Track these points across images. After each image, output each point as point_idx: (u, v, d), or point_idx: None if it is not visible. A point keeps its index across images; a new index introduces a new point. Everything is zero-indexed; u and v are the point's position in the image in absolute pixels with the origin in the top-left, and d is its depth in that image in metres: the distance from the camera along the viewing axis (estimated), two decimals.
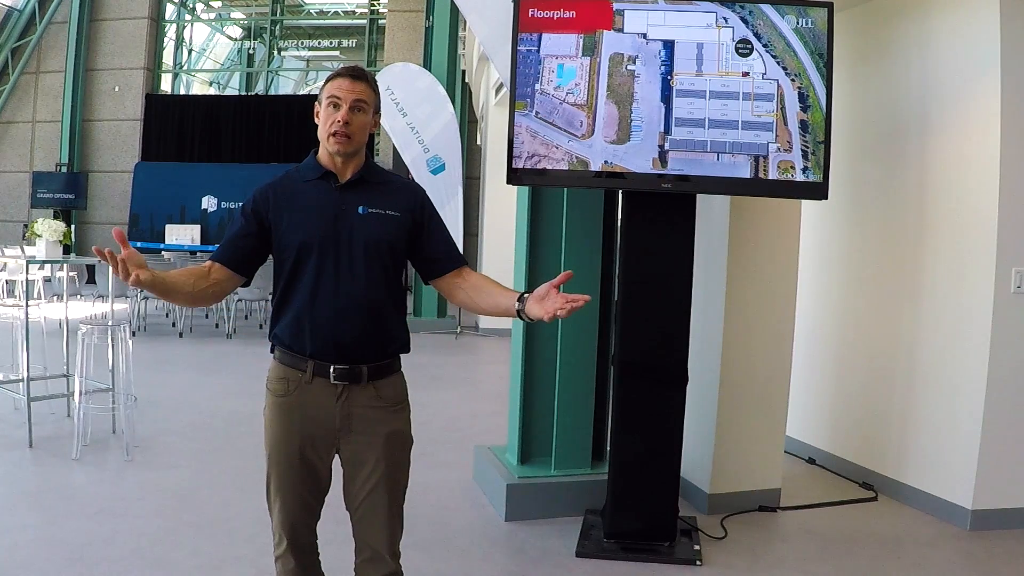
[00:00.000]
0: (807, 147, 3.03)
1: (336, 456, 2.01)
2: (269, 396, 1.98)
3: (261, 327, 9.93)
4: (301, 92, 18.94)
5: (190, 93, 18.67)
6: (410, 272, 2.26)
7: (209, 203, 15.64)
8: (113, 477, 4.01)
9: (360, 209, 1.93)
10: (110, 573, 2.88)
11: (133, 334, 5.57)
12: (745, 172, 3.04)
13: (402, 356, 2.04)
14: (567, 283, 1.86)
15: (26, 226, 10.19)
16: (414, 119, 9.53)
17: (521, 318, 1.84)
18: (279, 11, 18.49)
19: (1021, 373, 3.61)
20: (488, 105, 10.83)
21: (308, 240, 1.90)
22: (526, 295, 1.86)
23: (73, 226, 16.54)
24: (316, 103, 1.96)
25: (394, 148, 10.00)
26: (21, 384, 4.56)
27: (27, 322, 4.57)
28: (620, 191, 3.65)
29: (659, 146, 3.06)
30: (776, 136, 3.02)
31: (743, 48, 3.03)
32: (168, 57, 18.15)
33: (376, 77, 2.01)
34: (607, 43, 3.07)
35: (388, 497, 1.97)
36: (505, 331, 7.65)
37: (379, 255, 1.92)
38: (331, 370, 1.91)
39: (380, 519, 1.97)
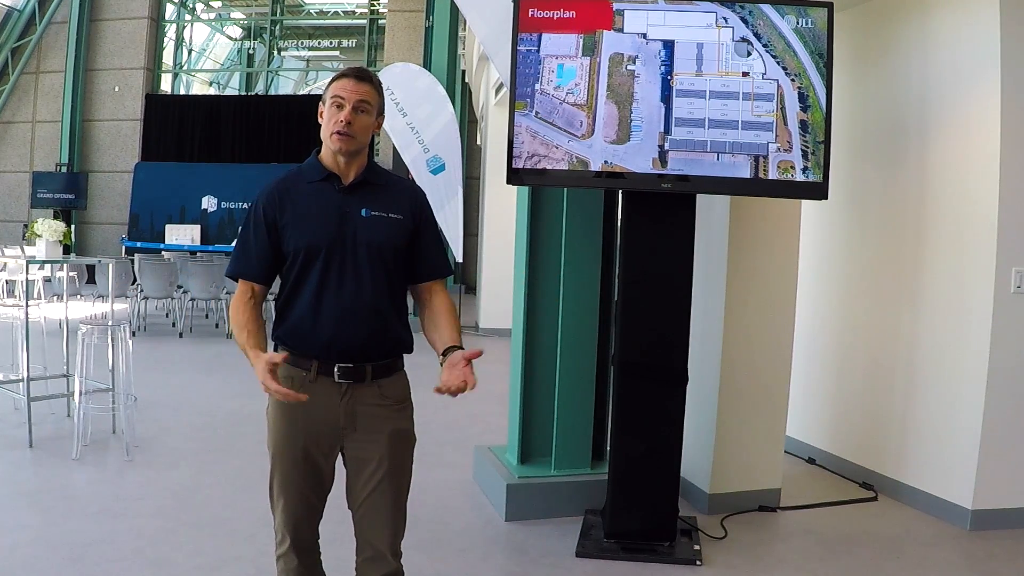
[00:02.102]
0: (807, 147, 3.03)
1: (339, 455, 2.01)
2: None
3: None
4: (301, 92, 18.94)
5: (190, 93, 18.67)
6: None
7: (209, 203, 15.63)
8: (113, 477, 4.01)
9: (363, 212, 1.93)
10: (110, 573, 2.88)
11: (133, 334, 5.57)
12: (745, 172, 3.04)
13: (405, 355, 2.05)
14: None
15: (26, 226, 10.19)
16: (414, 119, 9.53)
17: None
18: (279, 11, 18.48)
19: (1021, 373, 3.61)
20: (488, 105, 10.84)
21: (314, 243, 1.90)
22: (450, 352, 1.90)
23: (73, 226, 16.53)
24: (320, 103, 1.97)
25: (394, 148, 9.99)
26: (21, 384, 4.56)
27: (27, 322, 4.57)
28: (620, 191, 3.65)
29: (659, 146, 3.06)
30: (776, 136, 3.02)
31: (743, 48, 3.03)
32: (168, 57, 18.15)
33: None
34: (607, 43, 3.07)
35: (391, 495, 1.97)
36: (505, 331, 7.65)
37: (382, 258, 1.93)
38: (335, 369, 1.91)
39: (382, 517, 1.98)
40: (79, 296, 10.57)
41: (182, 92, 18.43)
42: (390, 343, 1.97)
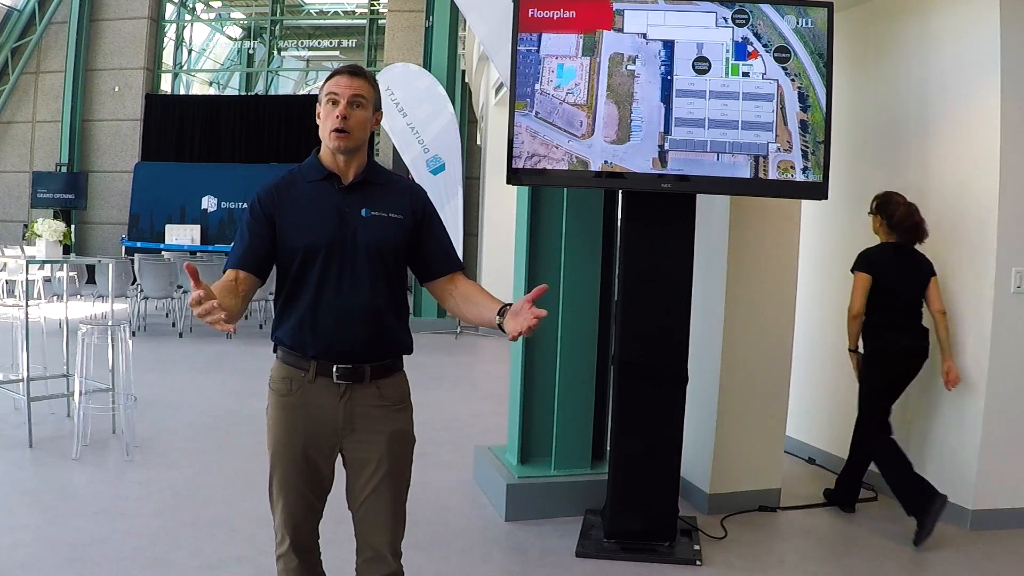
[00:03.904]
0: (807, 147, 3.03)
1: (339, 455, 2.01)
2: (272, 396, 1.99)
3: (261, 327, 9.93)
4: (301, 92, 18.93)
5: (190, 93, 18.67)
6: (410, 273, 2.29)
7: (209, 203, 15.64)
8: (113, 477, 4.01)
9: (363, 212, 1.92)
10: (110, 573, 2.88)
11: (133, 334, 5.57)
12: (745, 172, 3.04)
13: (404, 356, 2.04)
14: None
15: (26, 226, 10.19)
16: (414, 119, 9.54)
17: (502, 330, 1.83)
18: (279, 11, 18.48)
19: (1021, 373, 3.61)
20: (488, 105, 10.84)
21: (313, 243, 1.89)
22: (507, 307, 1.84)
23: (73, 226, 16.53)
24: (317, 103, 1.96)
25: (394, 148, 10.00)
26: (21, 384, 4.56)
27: (27, 322, 4.57)
28: (620, 191, 3.65)
29: (659, 146, 3.06)
30: (776, 136, 3.03)
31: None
32: (168, 57, 18.14)
33: (376, 77, 2.00)
34: (607, 43, 3.07)
35: (391, 496, 1.97)
36: None
37: (382, 258, 1.92)
38: (334, 370, 1.91)
39: (382, 519, 1.97)
40: (79, 296, 10.58)
41: (182, 92, 18.42)
42: (389, 344, 1.97)
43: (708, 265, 3.82)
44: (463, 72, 12.41)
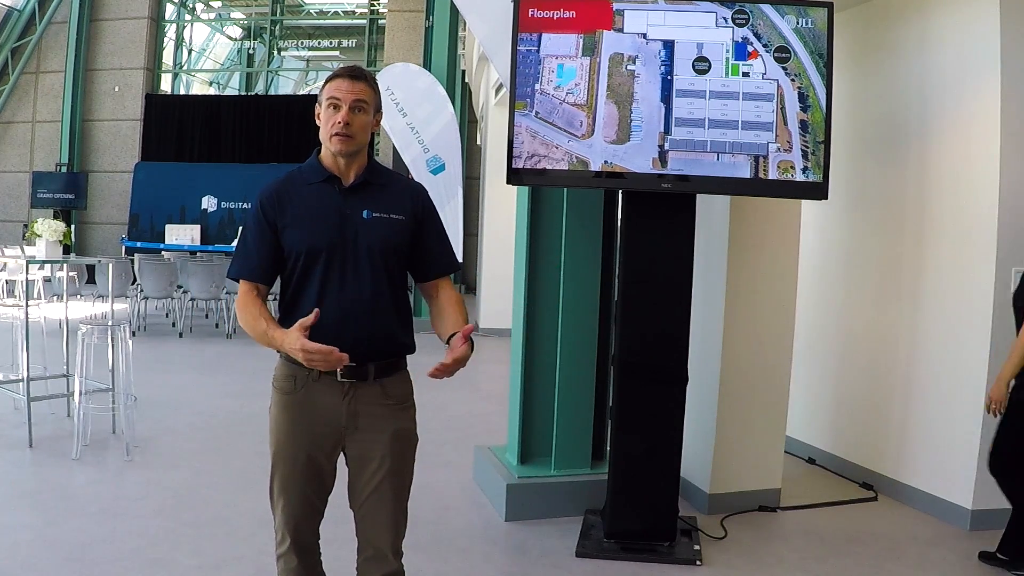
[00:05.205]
0: (807, 147, 3.03)
1: (341, 454, 2.01)
2: (276, 394, 1.99)
3: None
4: (301, 92, 18.94)
5: (190, 93, 18.67)
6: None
7: (209, 203, 15.64)
8: (113, 477, 4.01)
9: (364, 213, 1.93)
10: (110, 573, 2.88)
11: (133, 334, 5.57)
12: (745, 172, 3.04)
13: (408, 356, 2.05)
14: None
15: (26, 226, 10.20)
16: (414, 119, 9.53)
17: None
18: (279, 11, 18.47)
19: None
20: (488, 105, 10.83)
21: (315, 246, 1.90)
22: (455, 336, 1.88)
23: (73, 226, 16.53)
24: (317, 104, 1.96)
25: (394, 148, 9.99)
26: (21, 384, 4.56)
27: (27, 322, 4.57)
28: (620, 191, 3.65)
29: (659, 146, 3.06)
30: (776, 136, 3.03)
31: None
32: (168, 57, 18.14)
33: (376, 77, 2.00)
34: (607, 43, 3.07)
35: (392, 495, 1.97)
36: (505, 331, 7.65)
37: (384, 259, 1.93)
38: (338, 368, 1.91)
39: (384, 517, 1.97)
40: (79, 296, 10.57)
41: (182, 92, 18.42)
42: (392, 344, 1.97)
43: (708, 265, 3.82)
44: (463, 72, 12.41)
